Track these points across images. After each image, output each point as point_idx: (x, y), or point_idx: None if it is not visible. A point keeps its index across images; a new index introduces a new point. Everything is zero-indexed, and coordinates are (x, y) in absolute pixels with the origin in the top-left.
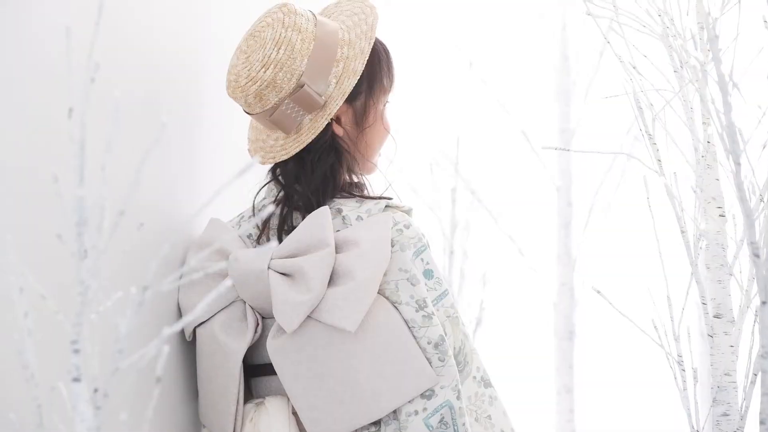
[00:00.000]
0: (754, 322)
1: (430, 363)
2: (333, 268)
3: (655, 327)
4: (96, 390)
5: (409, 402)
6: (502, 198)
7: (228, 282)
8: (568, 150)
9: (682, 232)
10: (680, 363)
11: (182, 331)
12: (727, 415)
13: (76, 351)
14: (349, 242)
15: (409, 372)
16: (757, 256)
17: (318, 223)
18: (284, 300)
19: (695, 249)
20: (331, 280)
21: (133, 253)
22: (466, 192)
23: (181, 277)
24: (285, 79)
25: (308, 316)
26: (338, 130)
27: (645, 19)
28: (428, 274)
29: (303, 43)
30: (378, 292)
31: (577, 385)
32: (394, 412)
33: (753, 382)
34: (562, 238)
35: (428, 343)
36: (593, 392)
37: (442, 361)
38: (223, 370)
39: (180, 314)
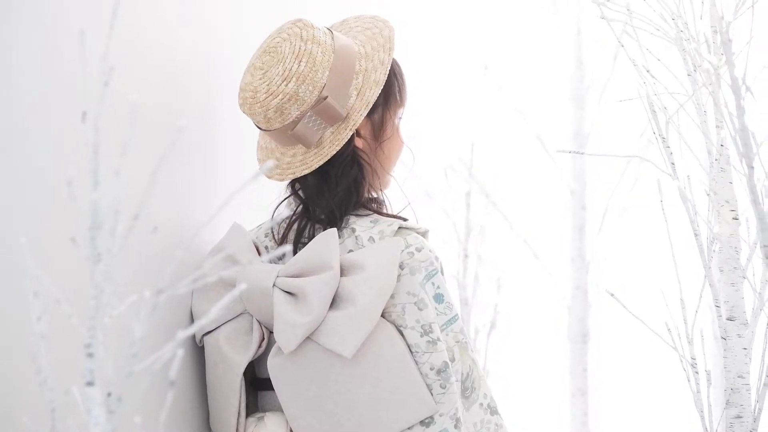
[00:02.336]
0: None
1: (431, 390)
2: (337, 291)
3: (668, 329)
4: (110, 394)
5: (408, 429)
6: (517, 202)
7: (242, 286)
8: (583, 153)
9: (696, 234)
10: (693, 365)
11: (194, 336)
12: (741, 417)
13: (90, 355)
14: (355, 266)
15: (409, 399)
16: None
17: (324, 245)
18: (284, 320)
19: (708, 252)
20: (334, 304)
21: (147, 256)
22: (480, 196)
23: (195, 281)
24: (307, 91)
25: (308, 338)
26: (359, 143)
27: (659, 23)
28: (438, 298)
29: (324, 55)
30: (384, 316)
31: (591, 388)
32: None
33: (766, 384)
34: (576, 241)
35: (431, 369)
36: (607, 395)
37: (444, 388)
38: (225, 382)
39: (192, 319)
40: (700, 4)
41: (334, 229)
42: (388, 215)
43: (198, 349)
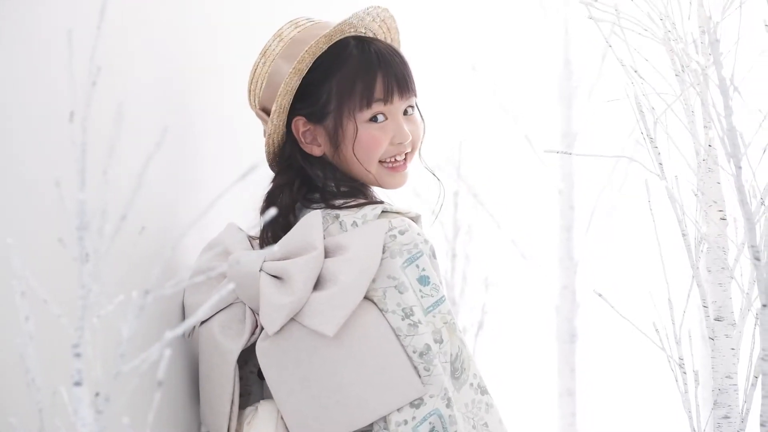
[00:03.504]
0: (755, 324)
1: (417, 372)
2: (321, 272)
3: (656, 330)
4: (97, 394)
5: (398, 411)
6: (505, 201)
7: (230, 286)
8: (571, 153)
9: (684, 235)
10: (681, 366)
11: (183, 335)
12: (728, 417)
13: (78, 355)
14: (339, 247)
15: (396, 381)
16: (757, 259)
17: (307, 226)
18: (269, 302)
19: (696, 252)
20: (318, 285)
21: (135, 257)
22: (468, 196)
23: (191, 278)
24: (252, 100)
25: (294, 320)
26: (313, 150)
27: (646, 23)
28: (423, 280)
29: (264, 66)
30: (368, 299)
31: (578, 388)
32: (385, 420)
33: (754, 385)
34: (564, 242)
35: (413, 352)
36: (595, 395)
37: (428, 370)
38: (219, 370)
39: (182, 316)
40: (688, 5)
41: (318, 211)
42: (369, 203)
43: (187, 349)
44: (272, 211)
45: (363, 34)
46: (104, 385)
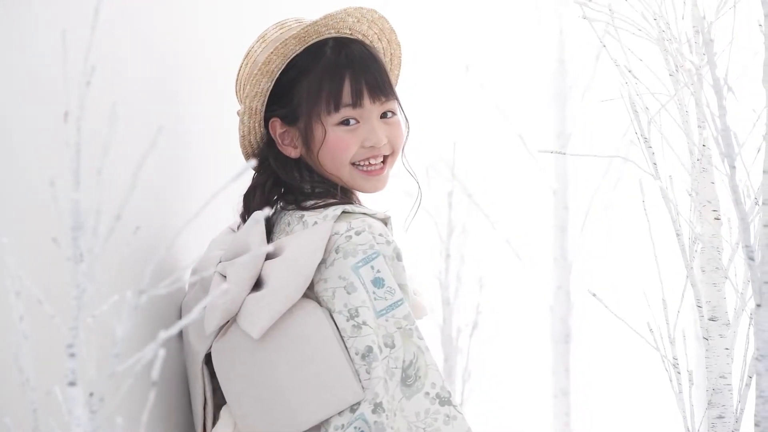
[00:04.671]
0: (749, 324)
1: (358, 375)
2: (261, 273)
3: (650, 330)
4: (92, 394)
5: (338, 415)
6: (499, 201)
7: (224, 286)
8: (565, 153)
9: (678, 235)
10: (676, 366)
11: (179, 334)
12: (723, 417)
13: (72, 355)
14: (280, 248)
15: (336, 384)
16: (752, 259)
17: (248, 229)
18: (210, 303)
19: (690, 252)
20: (256, 286)
21: (129, 257)
22: (462, 196)
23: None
24: (238, 101)
25: (235, 321)
26: (290, 152)
27: (640, 23)
28: (378, 282)
29: (245, 68)
30: (317, 300)
31: (573, 388)
32: (327, 423)
33: (748, 385)
34: (559, 241)
35: (356, 353)
36: (589, 395)
37: (369, 373)
38: (192, 370)
39: (177, 316)
40: (682, 5)
41: (261, 213)
42: (332, 203)
43: (181, 349)
44: (267, 212)
45: (348, 35)
46: (98, 385)
